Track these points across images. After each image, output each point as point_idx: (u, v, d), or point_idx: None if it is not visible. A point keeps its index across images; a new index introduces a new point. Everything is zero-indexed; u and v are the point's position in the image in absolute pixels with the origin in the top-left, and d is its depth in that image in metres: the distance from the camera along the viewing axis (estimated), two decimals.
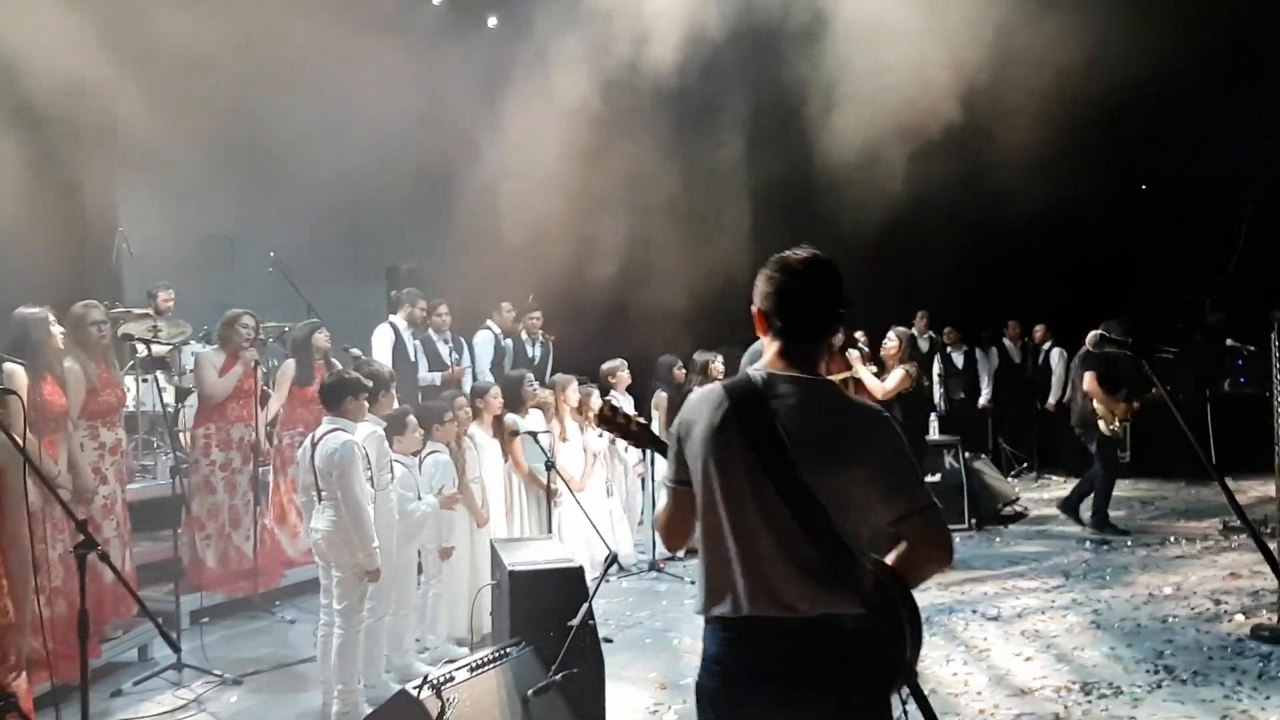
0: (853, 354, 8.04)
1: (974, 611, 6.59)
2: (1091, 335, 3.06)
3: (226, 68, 8.12)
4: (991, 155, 10.64)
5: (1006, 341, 12.66)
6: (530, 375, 7.05)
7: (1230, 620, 6.15)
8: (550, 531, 6.13)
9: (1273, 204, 13.33)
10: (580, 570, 4.38)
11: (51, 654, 4.58)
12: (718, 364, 8.20)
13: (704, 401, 2.42)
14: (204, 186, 8.92)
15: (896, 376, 7.71)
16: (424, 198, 10.53)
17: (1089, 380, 8.65)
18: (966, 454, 9.46)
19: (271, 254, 8.69)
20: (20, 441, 3.70)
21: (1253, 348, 8.82)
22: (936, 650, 5.76)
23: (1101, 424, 8.70)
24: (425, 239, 10.29)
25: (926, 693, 5.14)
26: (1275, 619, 5.92)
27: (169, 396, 7.91)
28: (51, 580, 5.18)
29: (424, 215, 10.71)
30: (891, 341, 7.92)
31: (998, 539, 8.84)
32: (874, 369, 8.00)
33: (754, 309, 2.44)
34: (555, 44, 10.17)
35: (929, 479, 9.05)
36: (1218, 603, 6.55)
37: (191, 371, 7.17)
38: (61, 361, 5.42)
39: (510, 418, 6.64)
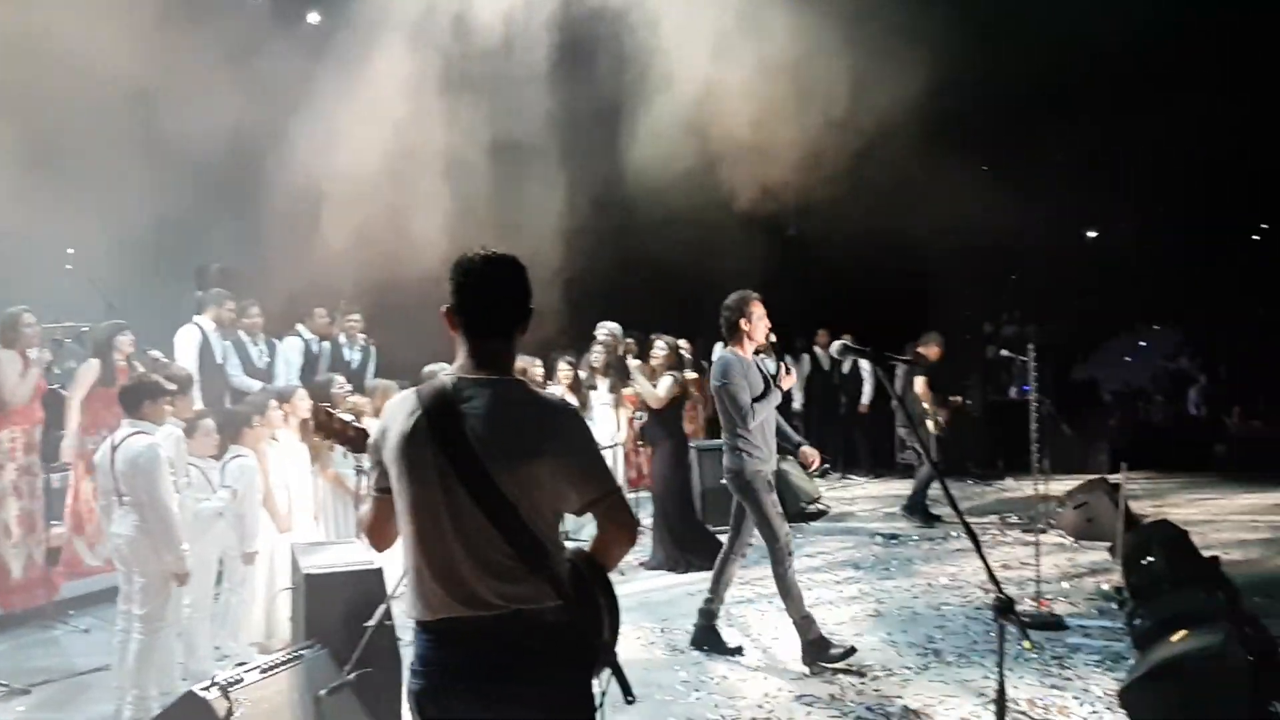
0: (632, 364, 8.30)
1: (770, 603, 6.98)
2: (835, 344, 3.38)
3: (26, 57, 7.71)
4: (806, 173, 11.27)
5: (816, 349, 13.32)
6: (340, 379, 7.01)
7: None
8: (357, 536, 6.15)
9: (1052, 228, 14.60)
10: (379, 572, 4.45)
11: None
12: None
13: (398, 409, 2.49)
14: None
15: (666, 384, 7.86)
16: (238, 197, 10.24)
17: (921, 384, 9.29)
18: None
19: (70, 251, 8.31)
20: None
21: (1024, 358, 9.62)
22: (731, 640, 6.12)
23: (930, 424, 9.39)
24: (239, 239, 10.01)
25: (717, 680, 5.47)
26: (1037, 607, 6.53)
27: None
28: None
29: (238, 215, 10.41)
30: (661, 350, 8.04)
31: (800, 535, 9.32)
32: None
33: (441, 310, 2.52)
34: (376, 41, 10.13)
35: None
36: (987, 591, 7.14)
37: None
38: None
39: None
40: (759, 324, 5.72)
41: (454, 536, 2.38)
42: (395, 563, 5.80)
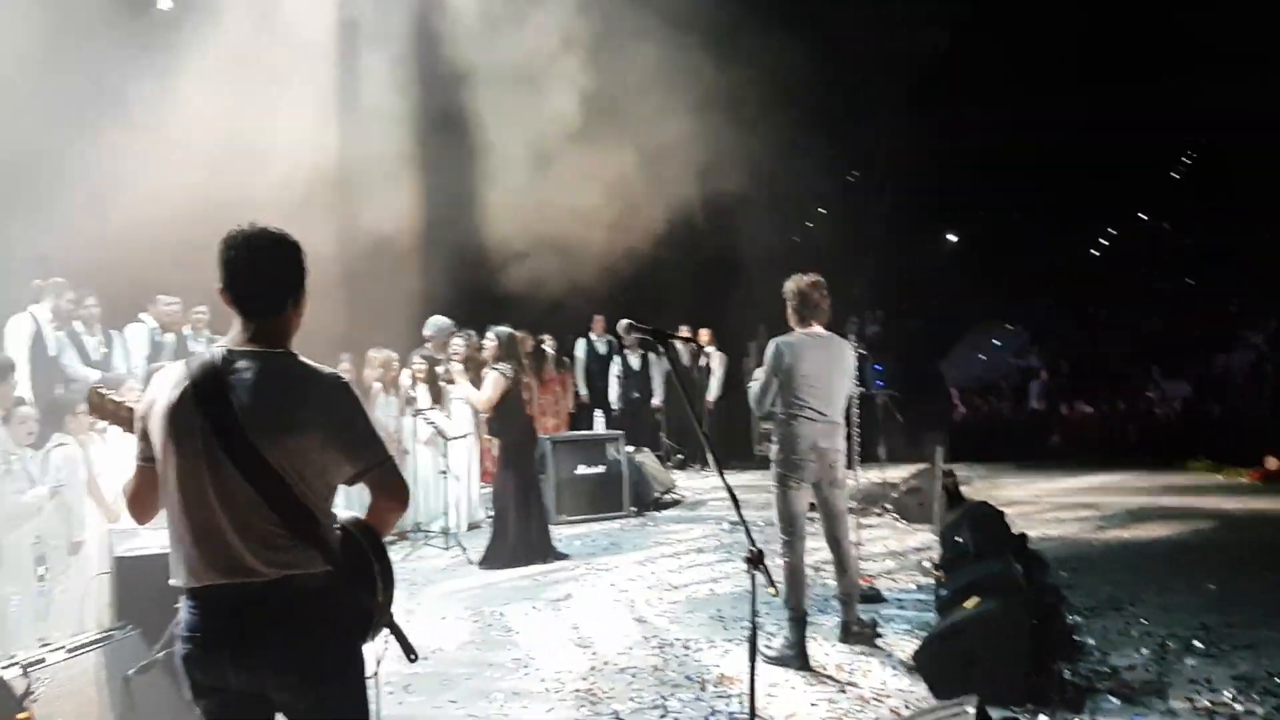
0: (455, 368, 8.30)
1: (612, 585, 7.19)
2: (621, 323, 3.50)
3: None
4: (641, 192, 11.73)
5: (677, 345, 13.62)
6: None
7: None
8: None
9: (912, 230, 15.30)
10: None
11: None
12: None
13: (166, 379, 2.53)
14: None
15: (491, 381, 7.73)
16: (83, 184, 9.91)
17: None
18: (630, 447, 10.18)
19: None
20: None
21: (863, 352, 10.03)
22: (568, 618, 6.34)
23: None
24: (81, 228, 9.68)
25: (545, 657, 5.61)
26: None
27: None
28: None
29: (85, 202, 10.08)
30: (490, 342, 7.90)
31: (652, 523, 9.58)
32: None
33: (215, 290, 2.56)
34: (222, 27, 10.01)
35: (593, 470, 9.69)
36: (819, 571, 7.49)
37: None
38: None
39: None
40: None
41: (219, 505, 2.41)
42: None
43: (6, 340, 7.51)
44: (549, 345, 12.06)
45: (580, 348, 12.91)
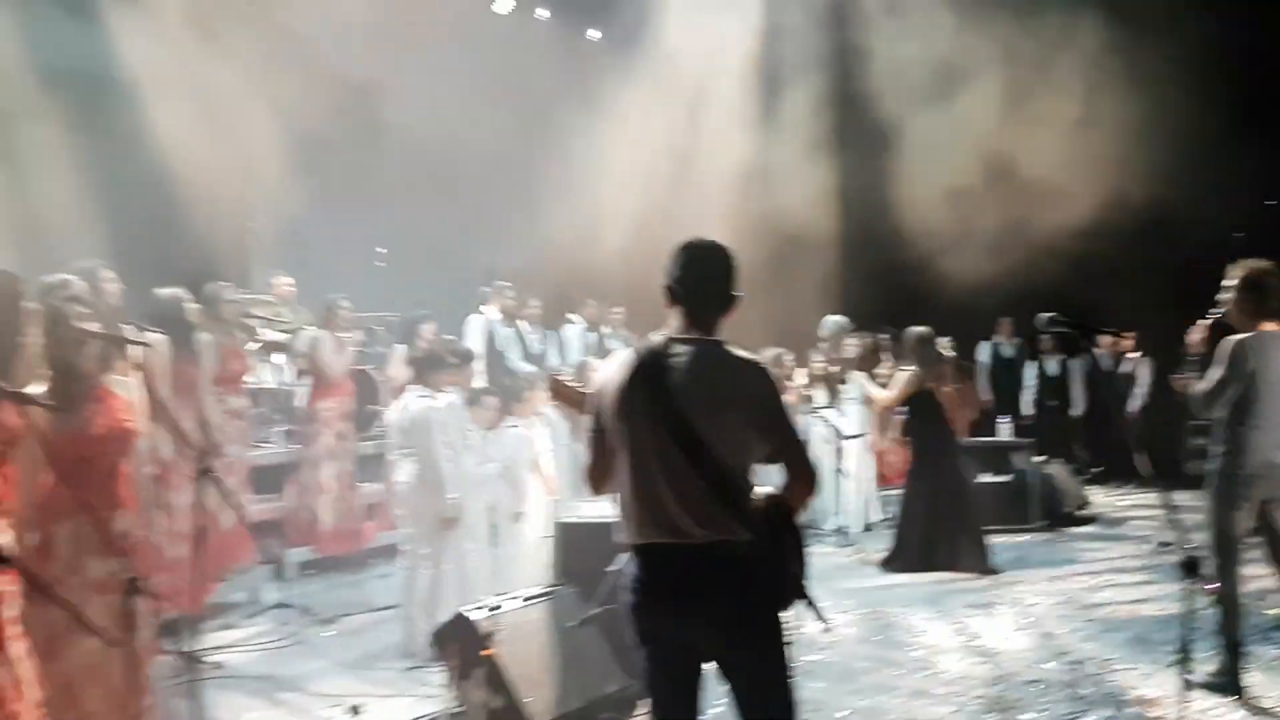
0: (857, 375, 8.26)
1: (1019, 598, 6.88)
2: (1041, 317, 3.36)
3: (316, 80, 8.75)
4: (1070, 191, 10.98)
5: (1097, 350, 12.58)
6: (594, 363, 7.63)
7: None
8: None
9: None
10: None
11: (172, 588, 5.35)
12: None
13: (619, 362, 2.89)
14: (327, 187, 9.66)
15: (900, 380, 7.60)
16: (522, 200, 11.20)
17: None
18: (1038, 457, 9.63)
19: (381, 250, 9.49)
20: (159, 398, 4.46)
21: None
22: (971, 626, 6.20)
23: None
24: (524, 238, 10.94)
25: (949, 662, 5.53)
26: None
27: (289, 375, 8.76)
28: (175, 525, 5.83)
29: (524, 216, 11.40)
30: (901, 343, 7.82)
31: (1063, 539, 8.98)
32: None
33: (664, 285, 2.89)
34: (651, 56, 10.83)
35: (998, 479, 9.28)
36: (1265, 594, 6.62)
37: (305, 354, 7.84)
38: (194, 334, 6.20)
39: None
40: None
41: (660, 473, 2.73)
42: None
43: (466, 335, 8.69)
44: (947, 348, 11.66)
45: (984, 351, 12.39)
